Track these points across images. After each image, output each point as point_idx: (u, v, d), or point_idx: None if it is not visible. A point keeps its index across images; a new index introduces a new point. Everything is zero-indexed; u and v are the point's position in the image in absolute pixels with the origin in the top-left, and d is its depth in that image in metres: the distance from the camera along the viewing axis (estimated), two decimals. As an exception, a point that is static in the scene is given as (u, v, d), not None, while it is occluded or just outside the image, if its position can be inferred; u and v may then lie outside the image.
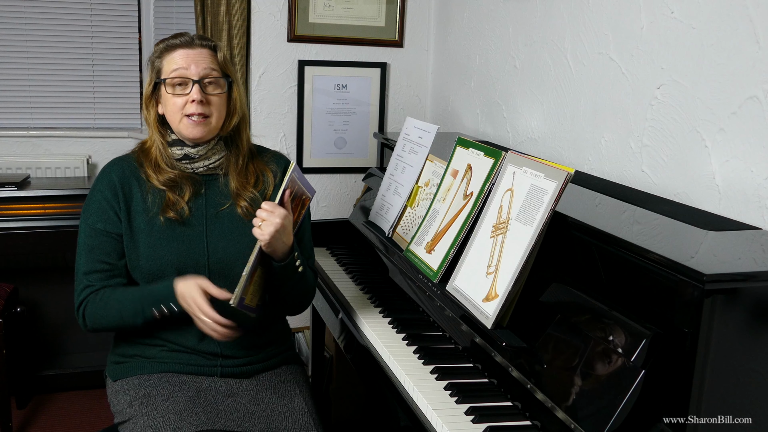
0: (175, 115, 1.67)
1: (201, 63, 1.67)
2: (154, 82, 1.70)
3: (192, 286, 1.55)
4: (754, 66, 1.49)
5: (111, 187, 1.69)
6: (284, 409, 1.65)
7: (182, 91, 1.66)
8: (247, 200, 1.72)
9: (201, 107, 1.65)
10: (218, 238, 1.70)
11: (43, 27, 3.03)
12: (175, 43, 1.68)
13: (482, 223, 1.62)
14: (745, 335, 1.15)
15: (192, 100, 1.64)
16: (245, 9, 2.97)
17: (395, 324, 1.86)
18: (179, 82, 1.66)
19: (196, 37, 1.70)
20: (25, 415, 2.87)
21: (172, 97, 1.66)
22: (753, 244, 1.33)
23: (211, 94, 1.67)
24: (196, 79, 1.65)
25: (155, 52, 1.71)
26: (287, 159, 1.86)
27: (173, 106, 1.66)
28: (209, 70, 1.67)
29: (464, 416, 1.42)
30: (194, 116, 1.65)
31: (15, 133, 3.02)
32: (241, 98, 1.75)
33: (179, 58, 1.66)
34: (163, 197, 1.68)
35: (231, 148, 1.75)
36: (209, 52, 1.70)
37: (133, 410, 1.61)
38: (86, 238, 1.68)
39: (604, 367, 1.25)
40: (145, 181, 1.70)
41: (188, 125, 1.66)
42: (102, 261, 1.67)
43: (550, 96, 2.25)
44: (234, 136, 1.76)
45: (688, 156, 1.67)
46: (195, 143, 1.70)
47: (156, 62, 1.70)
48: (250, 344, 1.72)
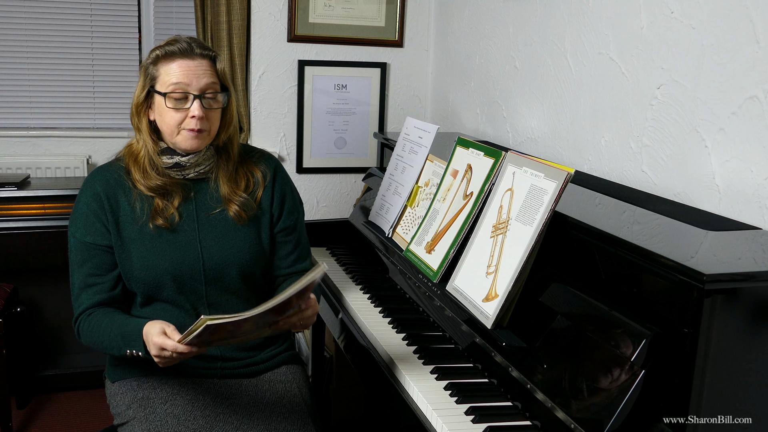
0: (171, 128, 1.62)
1: (202, 77, 1.60)
2: (147, 89, 1.63)
3: (155, 330, 1.46)
4: (754, 66, 1.49)
5: (96, 198, 1.64)
6: (284, 409, 1.65)
7: (182, 105, 1.60)
8: (238, 204, 1.69)
9: (200, 123, 1.60)
10: (212, 243, 1.67)
11: (43, 27, 3.03)
12: (173, 51, 1.60)
13: (482, 223, 1.62)
14: (745, 335, 1.15)
15: (192, 115, 1.60)
16: (245, 9, 2.97)
17: (395, 324, 1.86)
18: (179, 96, 1.60)
19: (195, 45, 1.62)
20: (25, 415, 2.87)
21: (171, 110, 1.60)
22: (753, 244, 1.33)
23: (210, 108, 1.63)
24: (197, 94, 1.60)
25: (150, 59, 1.63)
26: (275, 159, 1.83)
27: (171, 119, 1.61)
28: (210, 84, 1.62)
29: (464, 416, 1.42)
30: (193, 131, 1.61)
31: (15, 133, 3.02)
32: (235, 109, 1.72)
33: (179, 71, 1.59)
34: (152, 204, 1.64)
35: (221, 154, 1.71)
36: (209, 63, 1.63)
37: (132, 413, 1.61)
38: (77, 253, 1.65)
39: (604, 367, 1.25)
40: (132, 188, 1.65)
41: (186, 138, 1.62)
42: (94, 275, 1.64)
43: (550, 96, 2.25)
44: (225, 144, 1.72)
45: (688, 156, 1.67)
46: (187, 153, 1.66)
47: (150, 69, 1.63)
48: (250, 346, 1.72)
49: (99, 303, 1.64)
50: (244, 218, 1.70)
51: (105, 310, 1.63)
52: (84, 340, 1.64)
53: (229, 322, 1.36)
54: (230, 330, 1.41)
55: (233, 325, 1.37)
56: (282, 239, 1.77)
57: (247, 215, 1.70)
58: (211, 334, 1.39)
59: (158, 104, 1.62)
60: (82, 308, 1.64)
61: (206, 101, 1.62)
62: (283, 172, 1.82)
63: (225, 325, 1.36)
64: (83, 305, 1.64)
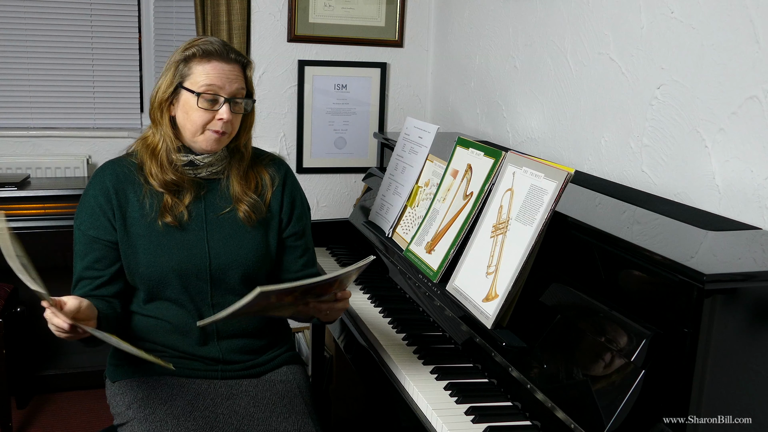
0: (196, 127, 1.62)
1: (234, 82, 1.62)
2: (176, 85, 1.63)
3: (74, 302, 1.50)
4: (754, 66, 1.49)
5: (104, 192, 1.64)
6: (284, 409, 1.65)
7: (211, 106, 1.61)
8: (247, 205, 1.70)
9: (226, 125, 1.62)
10: (220, 244, 1.68)
11: (43, 27, 3.03)
12: (210, 51, 1.61)
13: (482, 223, 1.62)
14: (745, 335, 1.15)
15: (220, 118, 1.61)
16: (245, 9, 2.97)
17: (395, 324, 1.86)
18: (210, 98, 1.60)
19: (230, 50, 1.63)
20: (25, 415, 2.87)
21: (201, 110, 1.60)
22: (753, 244, 1.33)
23: (236, 113, 1.64)
24: (228, 98, 1.61)
25: (183, 56, 1.62)
26: (286, 164, 1.84)
27: (198, 119, 1.61)
28: (239, 90, 1.63)
29: (464, 416, 1.42)
30: (218, 132, 1.62)
31: (15, 133, 3.02)
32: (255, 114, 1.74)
33: (213, 72, 1.60)
34: (161, 201, 1.65)
35: (234, 154, 1.73)
36: (240, 68, 1.65)
37: (131, 413, 1.61)
38: (80, 244, 1.66)
39: (604, 367, 1.25)
40: (142, 183, 1.66)
41: (209, 139, 1.63)
42: (92, 268, 1.65)
43: (550, 96, 2.25)
44: (239, 146, 1.73)
45: (688, 156, 1.67)
46: (203, 152, 1.67)
47: (182, 66, 1.62)
48: (251, 348, 1.72)
49: (90, 296, 1.63)
50: (254, 220, 1.70)
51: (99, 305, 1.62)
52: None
53: (280, 290, 1.35)
54: (272, 303, 1.41)
55: (277, 296, 1.37)
56: (291, 244, 1.78)
57: (256, 217, 1.70)
58: (252, 306, 1.37)
59: (185, 102, 1.63)
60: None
61: (234, 105, 1.63)
62: (294, 177, 1.83)
63: (275, 293, 1.36)
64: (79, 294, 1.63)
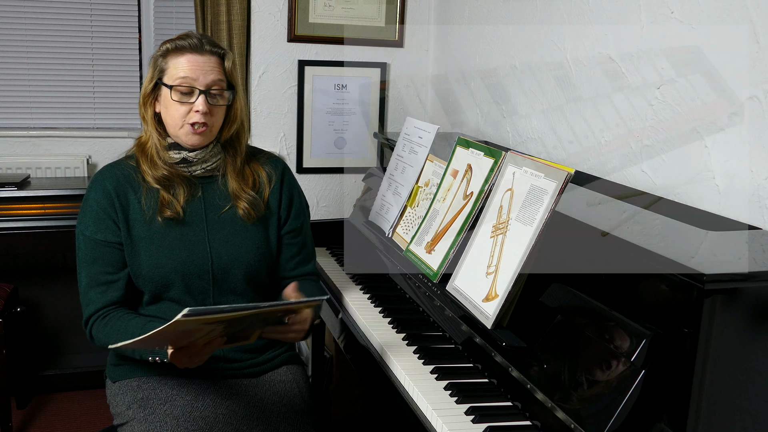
0: (175, 121, 1.64)
1: (209, 73, 1.62)
2: (155, 80, 1.66)
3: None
4: (754, 66, 1.49)
5: (106, 195, 1.65)
6: (284, 409, 1.65)
7: (187, 99, 1.62)
8: (246, 201, 1.70)
9: (204, 117, 1.62)
10: (221, 244, 1.68)
11: (43, 27, 3.03)
12: (183, 45, 1.63)
13: (482, 223, 1.62)
14: (745, 335, 1.15)
15: (197, 110, 1.61)
16: (245, 9, 2.97)
17: (395, 324, 1.86)
18: (185, 90, 1.62)
19: (206, 42, 1.64)
20: (25, 415, 2.87)
21: (176, 104, 1.62)
22: (753, 244, 1.33)
23: (214, 104, 1.64)
24: (203, 89, 1.62)
25: (160, 51, 1.65)
26: (283, 162, 1.84)
27: (176, 112, 1.63)
28: (216, 81, 1.63)
29: (464, 416, 1.42)
30: (196, 125, 1.62)
31: (15, 133, 3.01)
32: (241, 106, 1.73)
33: (187, 65, 1.61)
34: (158, 198, 1.65)
35: (228, 150, 1.73)
36: (217, 60, 1.65)
37: (131, 413, 1.61)
38: (86, 251, 1.64)
39: (604, 367, 1.25)
40: (140, 183, 1.66)
41: (188, 132, 1.64)
42: (105, 272, 1.64)
43: (550, 96, 2.25)
44: (232, 140, 1.73)
45: (688, 156, 1.67)
46: (192, 148, 1.68)
47: (160, 61, 1.65)
48: (252, 347, 1.72)
49: (112, 302, 1.63)
50: (254, 216, 1.70)
51: (120, 312, 1.63)
52: (99, 341, 1.63)
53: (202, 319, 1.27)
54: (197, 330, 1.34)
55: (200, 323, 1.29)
56: (288, 241, 1.78)
57: (255, 214, 1.71)
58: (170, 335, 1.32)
59: (164, 96, 1.64)
60: (94, 308, 1.63)
61: (211, 97, 1.63)
62: (291, 174, 1.83)
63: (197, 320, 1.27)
64: (94, 305, 1.63)
